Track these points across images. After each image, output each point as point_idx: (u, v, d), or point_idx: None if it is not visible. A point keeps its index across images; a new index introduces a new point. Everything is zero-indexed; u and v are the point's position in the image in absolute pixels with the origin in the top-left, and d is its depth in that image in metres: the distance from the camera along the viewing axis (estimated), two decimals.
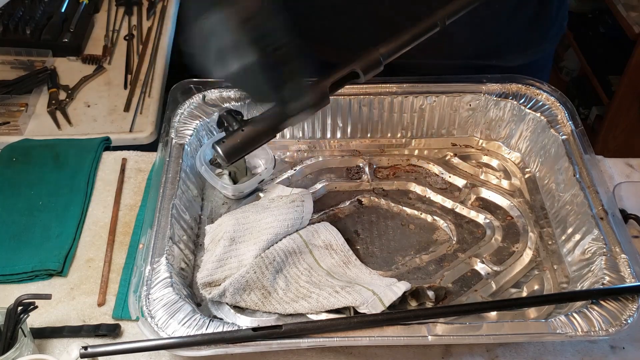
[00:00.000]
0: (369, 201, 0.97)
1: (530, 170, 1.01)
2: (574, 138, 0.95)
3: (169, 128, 0.97)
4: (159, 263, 0.79)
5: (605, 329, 0.73)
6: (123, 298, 0.84)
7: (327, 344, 0.73)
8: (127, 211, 0.97)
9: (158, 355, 0.79)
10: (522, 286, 0.86)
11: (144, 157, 1.06)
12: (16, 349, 0.72)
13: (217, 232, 0.87)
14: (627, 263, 0.80)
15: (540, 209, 0.95)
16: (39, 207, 0.97)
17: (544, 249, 0.90)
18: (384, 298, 0.79)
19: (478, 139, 1.06)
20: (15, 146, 1.07)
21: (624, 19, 2.16)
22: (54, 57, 1.45)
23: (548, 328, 0.74)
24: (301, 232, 0.88)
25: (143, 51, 1.50)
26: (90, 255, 0.91)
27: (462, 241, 0.92)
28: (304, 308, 0.80)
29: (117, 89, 1.40)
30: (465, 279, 0.87)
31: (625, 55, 2.17)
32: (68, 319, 0.83)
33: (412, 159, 1.02)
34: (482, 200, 0.97)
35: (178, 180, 0.89)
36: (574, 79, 2.71)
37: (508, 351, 0.80)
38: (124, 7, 1.63)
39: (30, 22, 1.49)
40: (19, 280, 0.87)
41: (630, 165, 1.06)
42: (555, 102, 1.00)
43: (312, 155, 1.02)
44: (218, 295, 0.80)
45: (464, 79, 1.03)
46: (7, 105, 1.31)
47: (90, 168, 1.02)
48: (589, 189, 0.88)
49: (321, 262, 0.86)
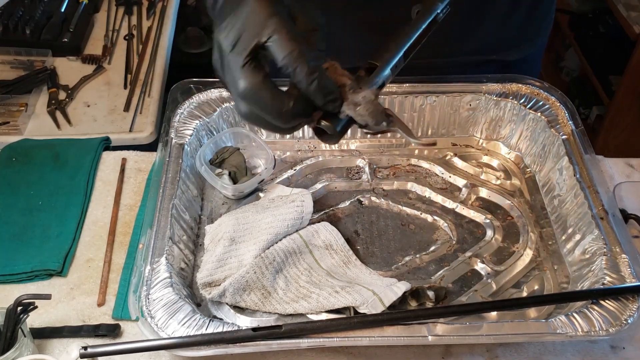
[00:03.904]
0: (369, 201, 0.97)
1: (531, 170, 1.01)
2: (574, 138, 0.95)
3: (168, 128, 0.97)
4: (159, 263, 0.79)
5: (606, 329, 0.73)
6: (123, 298, 0.84)
7: (327, 344, 0.73)
8: (126, 211, 0.97)
9: (158, 355, 0.79)
10: (522, 286, 0.86)
11: (144, 157, 1.06)
12: (16, 349, 0.72)
13: (217, 232, 0.87)
14: (627, 263, 0.80)
15: (540, 209, 0.95)
16: (39, 207, 0.96)
17: (544, 249, 0.90)
18: (384, 298, 0.79)
19: (478, 139, 1.06)
20: (15, 146, 1.07)
21: (624, 19, 2.16)
22: (54, 57, 1.46)
23: (548, 328, 0.74)
24: (301, 232, 0.88)
25: (143, 51, 1.50)
26: (90, 255, 0.91)
27: (462, 241, 0.92)
28: (304, 308, 0.80)
29: (117, 89, 1.40)
30: (465, 279, 0.87)
31: (626, 55, 2.17)
32: (68, 319, 0.83)
33: (412, 159, 1.02)
34: (482, 200, 0.97)
35: (178, 180, 0.89)
36: (574, 79, 2.71)
37: (508, 351, 0.80)
38: (124, 7, 1.63)
39: (30, 22, 1.49)
40: (19, 280, 0.87)
41: (631, 165, 1.06)
42: (555, 102, 1.00)
43: (312, 155, 1.02)
44: (218, 295, 0.80)
45: (464, 79, 1.03)
46: (6, 105, 1.31)
47: (90, 168, 1.02)
48: (589, 188, 0.88)
49: (321, 262, 0.86)
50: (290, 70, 0.63)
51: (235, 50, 0.64)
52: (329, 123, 0.68)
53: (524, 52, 1.08)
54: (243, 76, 0.63)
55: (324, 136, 0.70)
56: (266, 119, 0.66)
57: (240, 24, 0.64)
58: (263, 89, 0.64)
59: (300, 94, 0.65)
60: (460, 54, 1.04)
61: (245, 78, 0.63)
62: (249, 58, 0.63)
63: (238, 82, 0.64)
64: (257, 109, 0.65)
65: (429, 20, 0.74)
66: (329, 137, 0.70)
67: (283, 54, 0.63)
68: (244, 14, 0.64)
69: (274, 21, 0.63)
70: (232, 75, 0.65)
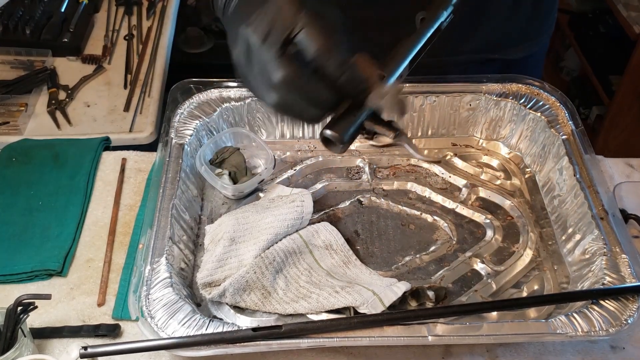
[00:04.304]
0: (369, 201, 0.97)
1: (531, 170, 1.01)
2: (574, 138, 0.95)
3: (168, 128, 0.96)
4: (159, 263, 0.79)
5: (606, 329, 0.73)
6: (123, 298, 0.84)
7: (327, 344, 0.73)
8: (126, 211, 0.97)
9: (158, 355, 0.79)
10: (522, 286, 0.86)
11: (144, 157, 1.06)
12: (16, 349, 0.72)
13: (217, 232, 0.87)
14: (627, 263, 0.80)
15: (540, 209, 0.95)
16: (39, 207, 0.96)
17: (544, 249, 0.90)
18: (384, 298, 0.79)
19: (478, 139, 1.06)
20: (15, 146, 1.07)
21: (624, 19, 2.16)
22: (54, 57, 1.45)
23: (548, 328, 0.74)
24: (301, 232, 0.88)
25: (143, 51, 1.50)
26: (90, 255, 0.91)
27: (462, 241, 0.92)
28: (304, 308, 0.80)
29: (117, 89, 1.40)
30: (465, 279, 0.87)
31: (626, 55, 2.17)
32: (68, 319, 0.83)
33: (412, 159, 1.02)
34: (482, 200, 0.97)
35: (178, 180, 0.89)
36: (574, 79, 2.71)
37: (508, 351, 0.80)
38: (124, 7, 1.63)
39: (30, 22, 1.49)
40: (19, 280, 0.87)
41: (631, 165, 1.06)
42: (555, 102, 1.00)
43: (312, 155, 1.02)
44: (218, 295, 0.80)
45: (464, 79, 1.03)
46: (6, 105, 1.31)
47: (90, 168, 1.02)
48: (589, 189, 0.88)
49: (321, 262, 0.86)
50: (321, 63, 0.65)
51: (268, 42, 0.64)
52: (336, 133, 0.69)
53: (527, 51, 1.08)
54: (281, 65, 0.64)
55: (330, 145, 0.71)
56: (302, 107, 0.68)
57: (270, 17, 0.65)
58: (302, 77, 0.65)
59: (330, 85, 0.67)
60: (463, 52, 1.04)
61: (284, 67, 0.64)
62: (284, 49, 0.64)
63: (274, 73, 0.65)
64: (295, 98, 0.66)
65: (433, 29, 0.75)
66: (336, 146, 0.71)
67: (315, 46, 0.64)
68: (273, 8, 0.65)
69: (304, 14, 0.64)
70: (264, 67, 0.66)
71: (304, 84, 0.66)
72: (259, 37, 0.65)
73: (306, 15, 0.64)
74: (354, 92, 0.68)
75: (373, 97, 0.68)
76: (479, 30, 1.01)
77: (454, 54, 1.04)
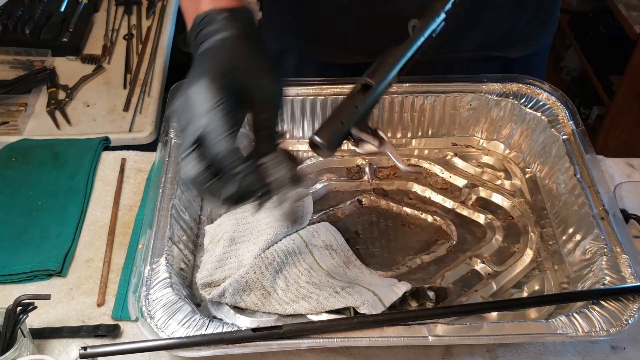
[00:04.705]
0: (369, 201, 0.97)
1: (531, 170, 1.00)
2: (574, 138, 0.95)
3: (168, 128, 0.96)
4: (159, 263, 0.79)
5: (606, 329, 0.73)
6: (122, 298, 0.84)
7: (327, 345, 0.73)
8: (126, 211, 0.97)
9: (157, 355, 0.79)
10: (522, 286, 0.86)
11: (144, 157, 1.06)
12: (15, 350, 0.71)
13: (217, 232, 0.87)
14: (628, 263, 0.80)
15: (541, 209, 0.95)
16: (38, 207, 0.96)
17: (544, 249, 0.90)
18: (384, 298, 0.78)
19: (478, 139, 1.05)
20: (15, 146, 1.07)
21: (624, 19, 2.16)
22: (53, 57, 1.45)
23: (549, 328, 0.73)
24: (301, 233, 0.88)
25: (142, 51, 1.50)
26: (89, 256, 0.91)
27: (462, 241, 0.92)
28: (304, 308, 0.80)
29: (117, 89, 1.40)
30: (465, 279, 0.87)
31: (626, 55, 2.17)
32: (67, 319, 0.83)
33: (412, 159, 1.02)
34: (482, 200, 0.97)
35: (177, 180, 0.89)
36: (574, 79, 2.71)
37: (509, 352, 0.80)
38: (124, 7, 1.63)
39: (30, 22, 1.49)
40: (18, 281, 0.87)
41: (631, 165, 1.06)
42: (555, 101, 1.00)
43: (312, 155, 1.02)
44: (218, 295, 0.80)
45: (464, 79, 1.02)
46: (6, 105, 1.31)
47: (89, 168, 1.02)
48: (590, 189, 0.88)
49: (321, 263, 0.86)
50: (220, 166, 0.65)
51: (183, 135, 0.67)
52: (323, 140, 0.71)
53: (529, 50, 1.08)
54: (186, 164, 0.66)
55: (318, 150, 0.73)
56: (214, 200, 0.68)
57: (186, 115, 0.67)
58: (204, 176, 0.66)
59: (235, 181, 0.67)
60: (465, 49, 1.04)
61: (187, 166, 0.66)
62: (193, 147, 0.65)
63: (182, 168, 0.67)
64: (204, 192, 0.67)
65: (424, 38, 0.76)
66: (323, 151, 0.72)
67: (212, 153, 0.65)
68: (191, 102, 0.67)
69: (209, 116, 0.65)
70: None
71: (206, 182, 0.66)
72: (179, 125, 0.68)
73: (211, 117, 0.65)
74: (249, 200, 0.68)
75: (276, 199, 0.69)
76: (481, 27, 1.01)
77: (456, 51, 1.03)
